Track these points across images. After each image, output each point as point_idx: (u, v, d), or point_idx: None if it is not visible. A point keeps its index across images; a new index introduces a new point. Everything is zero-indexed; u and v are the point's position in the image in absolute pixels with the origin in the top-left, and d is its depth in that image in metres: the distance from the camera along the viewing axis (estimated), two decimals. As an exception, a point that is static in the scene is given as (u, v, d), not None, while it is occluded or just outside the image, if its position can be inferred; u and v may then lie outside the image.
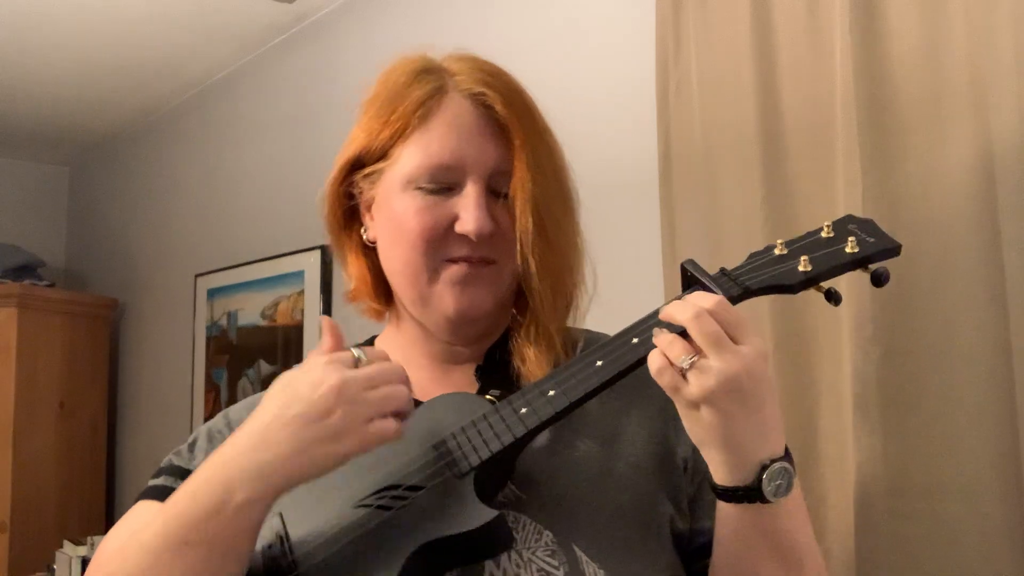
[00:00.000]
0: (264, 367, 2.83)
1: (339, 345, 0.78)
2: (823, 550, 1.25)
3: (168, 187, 3.46)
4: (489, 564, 0.77)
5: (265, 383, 2.79)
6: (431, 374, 0.91)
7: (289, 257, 2.69)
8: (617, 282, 1.14)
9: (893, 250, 0.81)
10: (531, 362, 0.85)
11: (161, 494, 0.83)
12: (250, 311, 2.89)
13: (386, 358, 0.76)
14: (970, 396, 1.12)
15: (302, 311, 2.64)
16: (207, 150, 3.23)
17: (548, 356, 0.85)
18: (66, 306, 3.52)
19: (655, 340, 0.73)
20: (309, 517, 0.79)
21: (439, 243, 0.84)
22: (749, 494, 0.73)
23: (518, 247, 0.83)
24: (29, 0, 2.56)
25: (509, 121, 0.84)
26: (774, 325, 1.30)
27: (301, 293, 2.64)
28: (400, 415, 0.74)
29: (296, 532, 0.79)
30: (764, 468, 0.72)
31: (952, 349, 1.14)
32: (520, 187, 0.83)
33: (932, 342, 1.15)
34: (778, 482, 0.72)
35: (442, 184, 0.84)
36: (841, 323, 1.24)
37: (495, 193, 0.85)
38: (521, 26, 2.00)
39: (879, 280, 0.78)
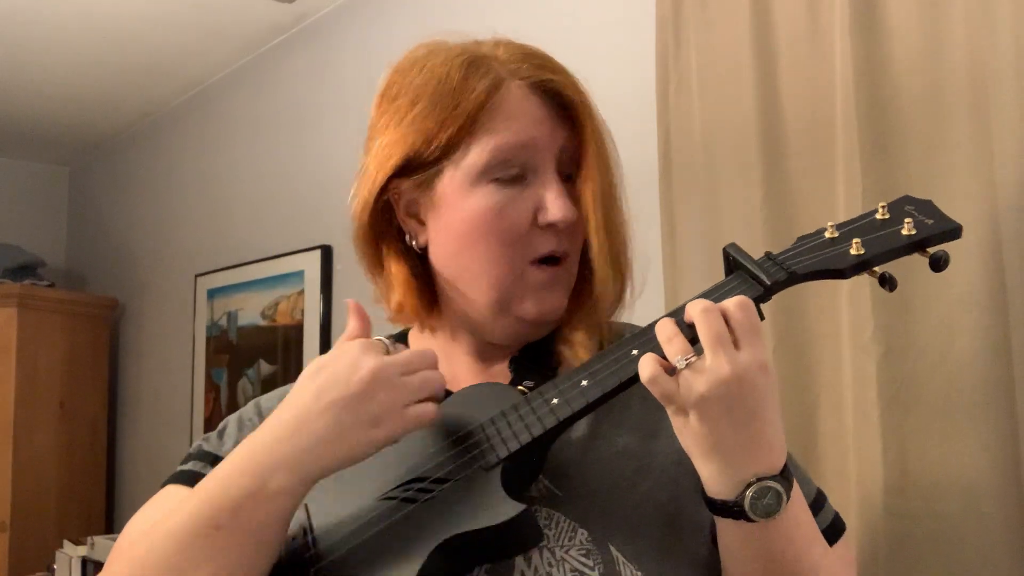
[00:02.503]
0: (264, 367, 2.82)
1: (366, 328, 0.76)
2: (822, 549, 1.25)
3: (168, 187, 3.45)
4: (520, 561, 0.74)
5: (265, 383, 2.80)
6: (469, 368, 0.88)
7: (289, 257, 2.69)
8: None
9: (953, 231, 0.75)
10: (579, 345, 0.83)
11: (190, 479, 0.82)
12: (250, 311, 2.89)
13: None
14: (970, 396, 1.12)
15: (302, 311, 2.64)
16: (207, 150, 3.23)
17: (594, 343, 0.83)
18: (66, 306, 3.52)
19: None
20: (334, 509, 0.77)
21: (525, 240, 0.81)
22: (732, 510, 0.69)
23: (589, 234, 0.82)
24: (29, 0, 2.56)
25: (579, 107, 0.83)
26: (774, 325, 1.30)
27: (301, 293, 2.64)
28: (434, 400, 0.72)
29: (320, 524, 0.77)
30: (749, 485, 0.68)
31: (952, 349, 1.13)
32: (590, 176, 0.82)
33: (932, 342, 1.15)
34: (763, 501, 0.68)
35: (516, 170, 0.81)
36: (841, 323, 1.24)
37: (563, 175, 0.83)
38: (521, 26, 1.98)
39: (938, 264, 0.73)
